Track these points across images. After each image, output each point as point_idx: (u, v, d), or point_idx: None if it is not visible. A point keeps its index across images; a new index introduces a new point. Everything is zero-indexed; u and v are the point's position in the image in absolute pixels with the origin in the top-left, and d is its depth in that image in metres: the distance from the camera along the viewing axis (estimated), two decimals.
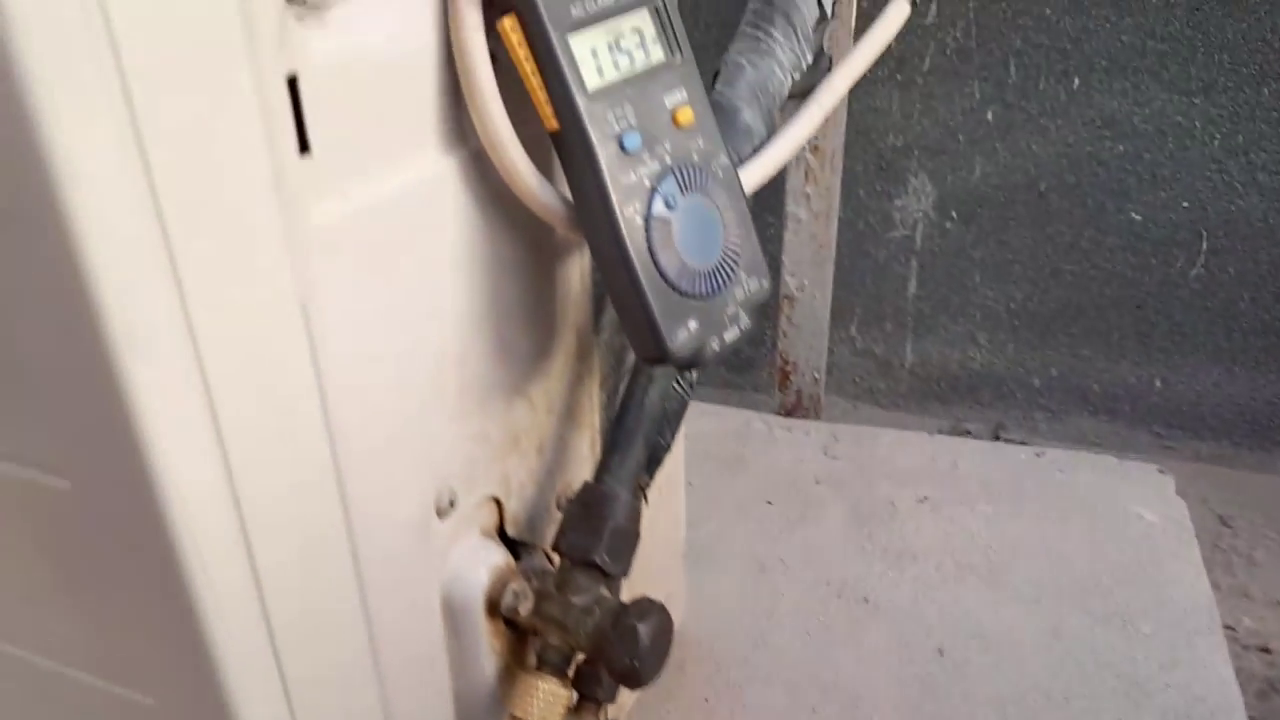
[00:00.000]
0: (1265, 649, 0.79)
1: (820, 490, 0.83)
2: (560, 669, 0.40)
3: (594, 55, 0.32)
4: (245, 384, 0.28)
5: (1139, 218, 0.98)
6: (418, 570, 0.38)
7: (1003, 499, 0.81)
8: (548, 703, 0.39)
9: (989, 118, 0.98)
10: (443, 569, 0.39)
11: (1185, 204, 0.96)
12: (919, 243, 1.05)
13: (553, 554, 0.43)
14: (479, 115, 0.31)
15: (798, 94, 0.47)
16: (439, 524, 0.38)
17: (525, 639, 0.42)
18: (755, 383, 1.13)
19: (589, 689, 0.41)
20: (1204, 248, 0.98)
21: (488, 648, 0.41)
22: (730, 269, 0.37)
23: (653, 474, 0.47)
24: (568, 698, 0.40)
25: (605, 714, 0.42)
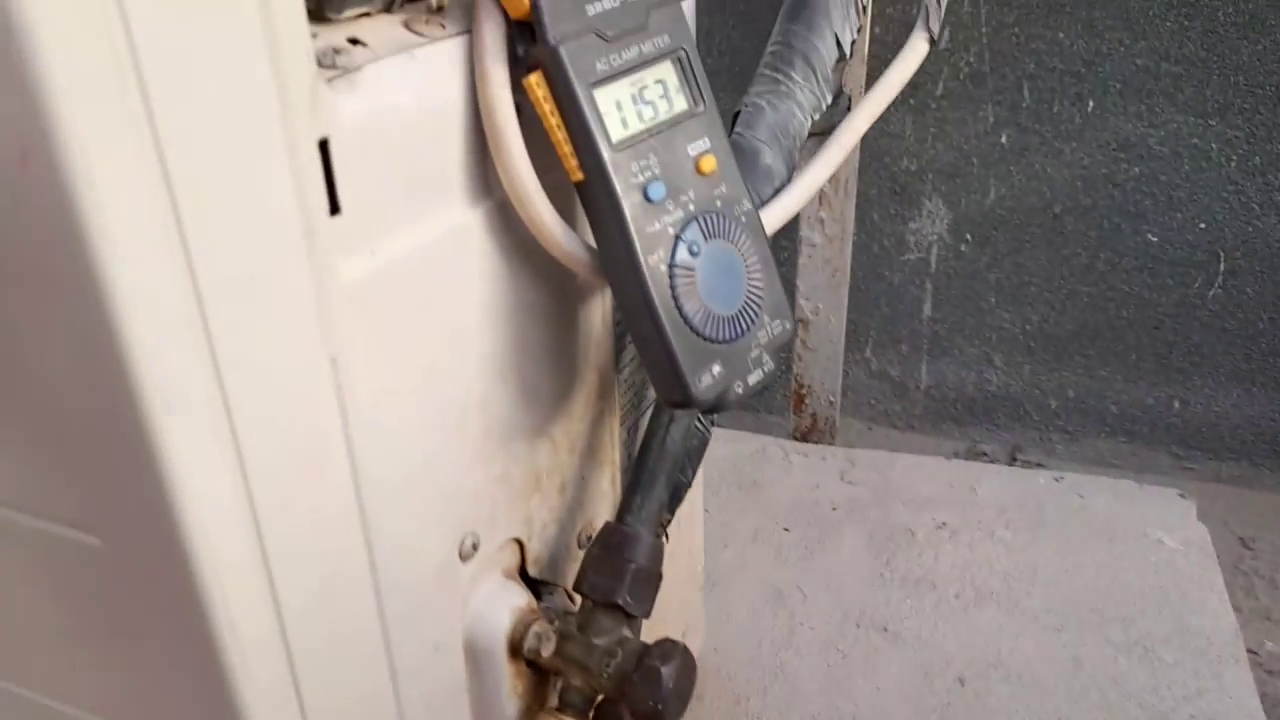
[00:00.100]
0: None
1: (837, 516, 0.82)
2: (582, 710, 0.40)
3: (618, 107, 0.33)
4: (273, 439, 0.28)
5: (1155, 239, 0.98)
6: (440, 613, 0.38)
7: (1022, 525, 0.81)
8: None
9: (1003, 141, 0.98)
10: (465, 611, 0.39)
11: (1202, 225, 0.96)
12: (934, 265, 1.05)
13: (574, 593, 0.43)
14: (505, 170, 0.32)
15: (817, 132, 0.47)
16: (461, 567, 0.38)
17: (547, 680, 0.42)
18: (770, 405, 1.13)
19: None
20: (1222, 268, 0.98)
21: (509, 689, 0.41)
22: (754, 312, 0.37)
23: (674, 512, 0.47)
24: None
25: None
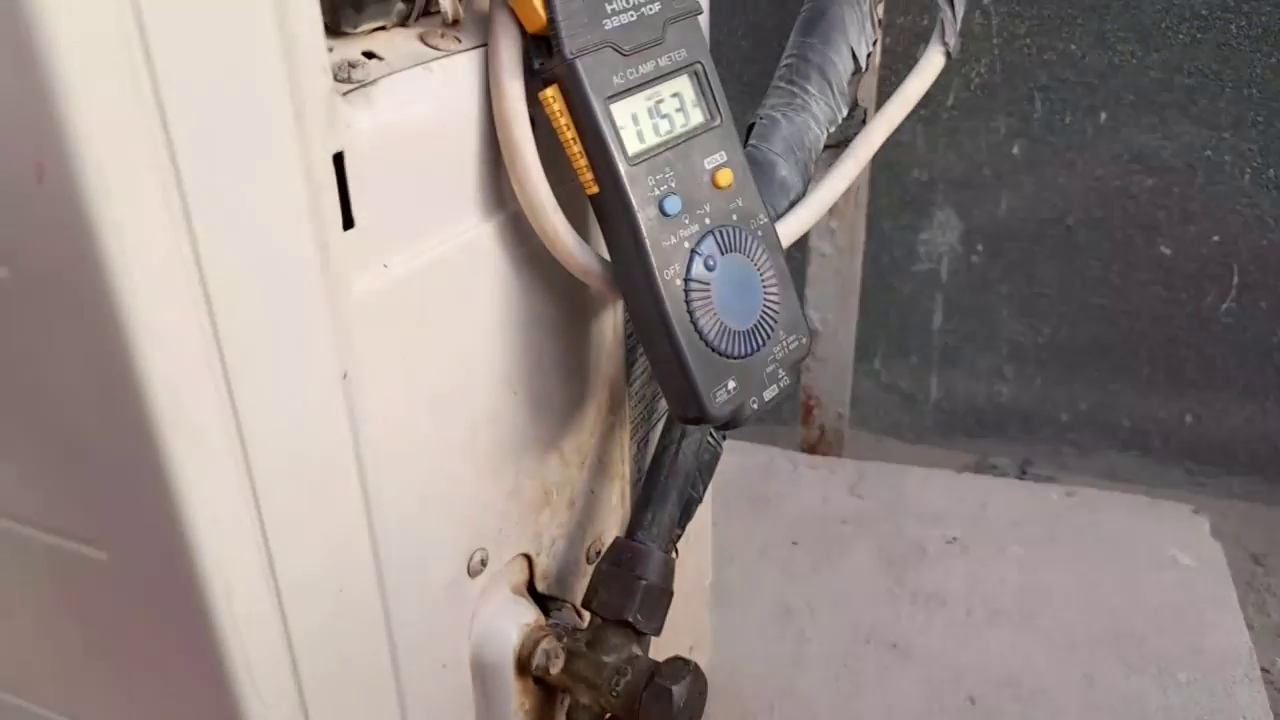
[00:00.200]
0: None
1: (847, 531, 0.82)
2: None
3: (634, 121, 0.32)
4: (284, 454, 0.27)
5: (1169, 252, 0.97)
6: (448, 630, 0.37)
7: (1033, 541, 0.80)
8: None
9: (1015, 152, 0.97)
10: (473, 627, 0.39)
11: (1216, 238, 0.95)
12: (944, 276, 1.04)
13: (582, 610, 0.42)
14: (520, 184, 0.31)
15: (831, 145, 0.47)
16: (470, 583, 0.38)
17: (554, 697, 0.42)
18: (778, 416, 1.12)
19: None
20: (1235, 282, 0.97)
21: (517, 706, 0.40)
22: (769, 328, 0.36)
23: (684, 527, 0.46)
24: None
25: None
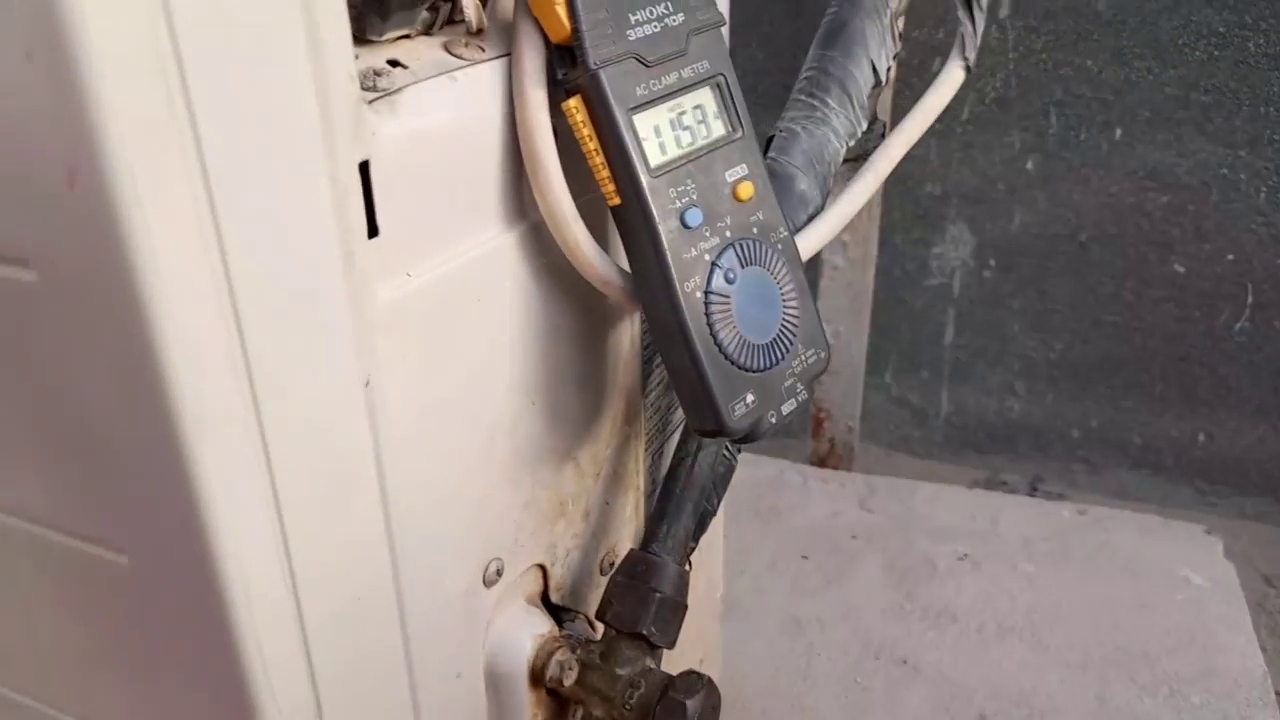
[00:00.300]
0: None
1: (857, 545, 0.81)
2: None
3: (657, 133, 0.32)
4: (305, 461, 0.27)
5: (1182, 270, 0.97)
6: (463, 640, 0.37)
7: (1045, 558, 0.80)
8: None
9: (1029, 167, 0.97)
10: (487, 637, 0.39)
11: (1230, 257, 0.95)
12: (956, 291, 1.04)
13: (595, 621, 0.42)
14: (542, 195, 0.31)
15: (850, 158, 0.47)
16: (485, 592, 0.38)
17: (567, 709, 0.42)
18: (788, 428, 1.12)
19: None
20: (1249, 301, 0.97)
21: (529, 718, 0.40)
22: (788, 341, 0.36)
23: (698, 540, 0.46)
24: None
25: None
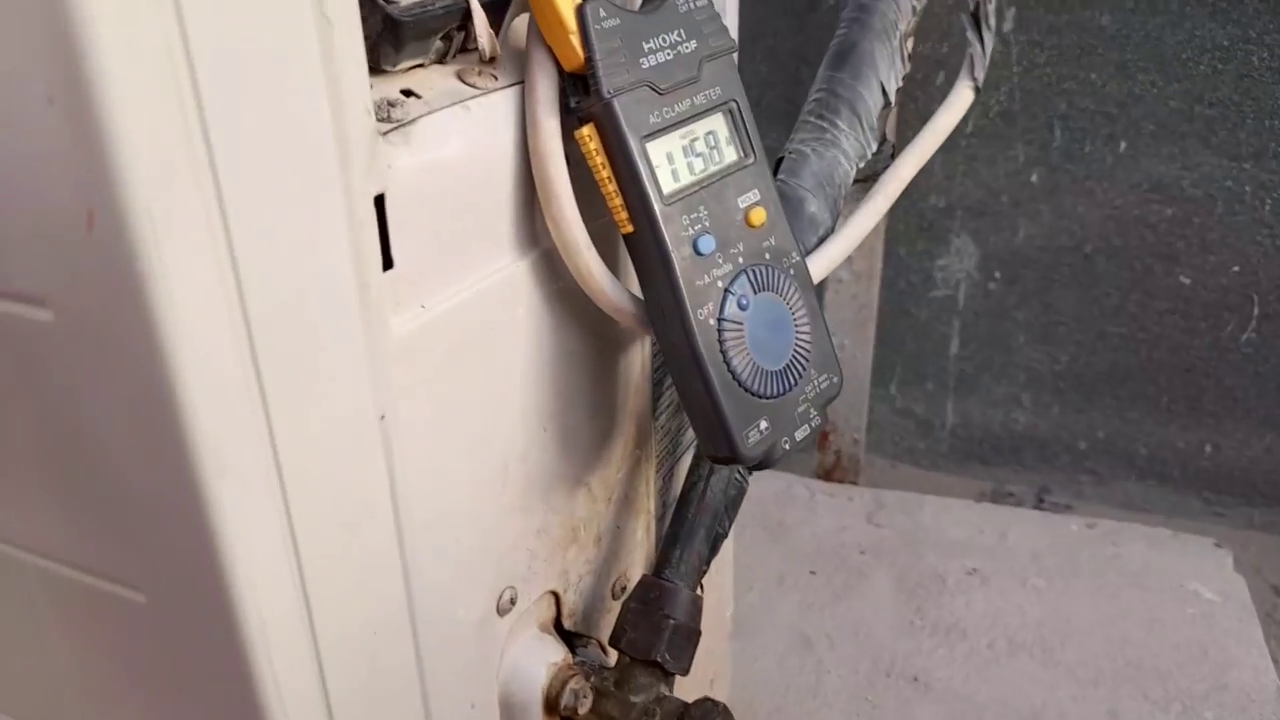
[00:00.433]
0: None
1: (865, 560, 0.81)
2: None
3: (669, 159, 0.32)
4: (321, 497, 0.27)
5: (1188, 281, 0.97)
6: (477, 670, 0.37)
7: (1054, 573, 0.79)
8: None
9: (1033, 180, 0.97)
10: (501, 666, 0.38)
11: (1235, 268, 0.95)
12: (961, 302, 1.04)
13: (608, 646, 0.42)
14: (555, 223, 0.31)
15: (860, 179, 0.46)
16: (499, 621, 0.37)
17: None
18: None
19: None
20: (1255, 312, 0.96)
21: None
22: (801, 367, 0.36)
23: (710, 563, 0.46)
24: None
25: None
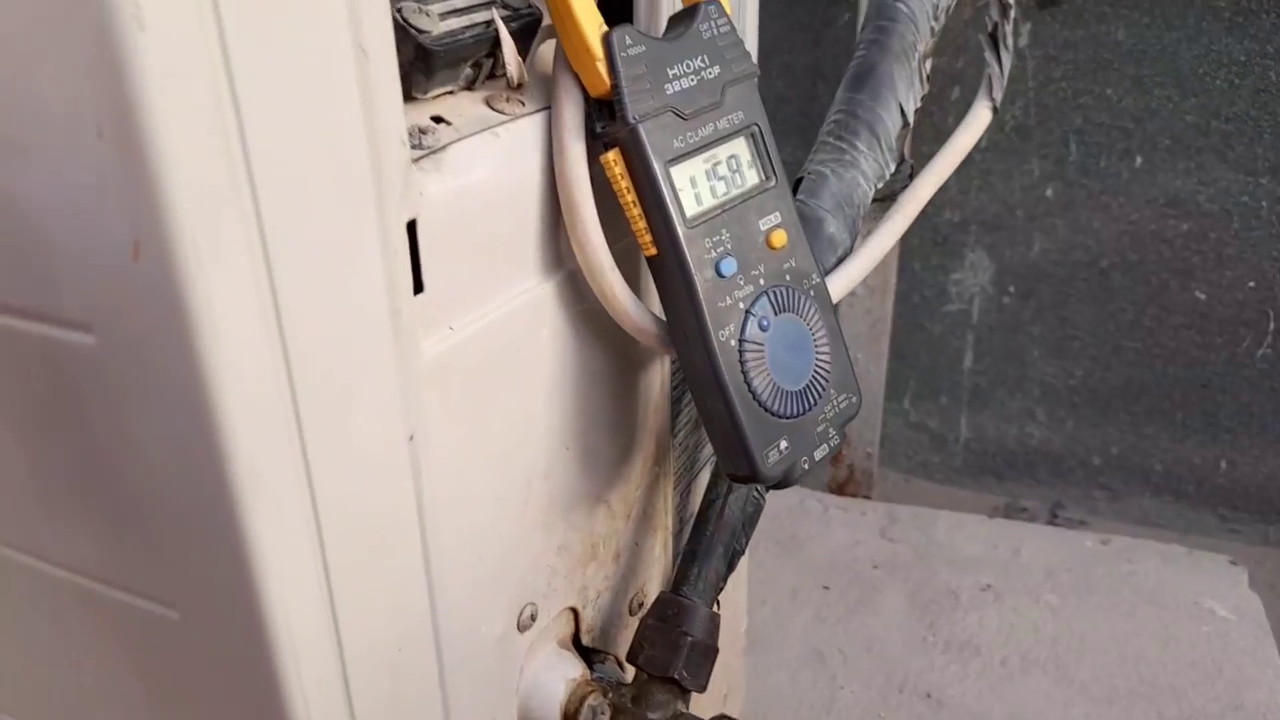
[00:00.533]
0: None
1: (878, 575, 0.81)
2: None
3: (692, 183, 0.33)
4: (352, 516, 0.28)
5: (1204, 297, 0.96)
6: (498, 684, 0.37)
7: (1068, 589, 0.79)
8: None
9: (1048, 194, 0.97)
10: (520, 682, 0.39)
11: (1251, 284, 0.95)
12: (975, 317, 1.04)
13: (625, 662, 0.42)
14: (580, 246, 0.32)
15: (878, 198, 0.47)
16: (520, 637, 0.38)
17: None
18: None
19: None
20: (1271, 328, 0.96)
21: None
22: (821, 387, 0.36)
23: (726, 579, 0.46)
24: None
25: None
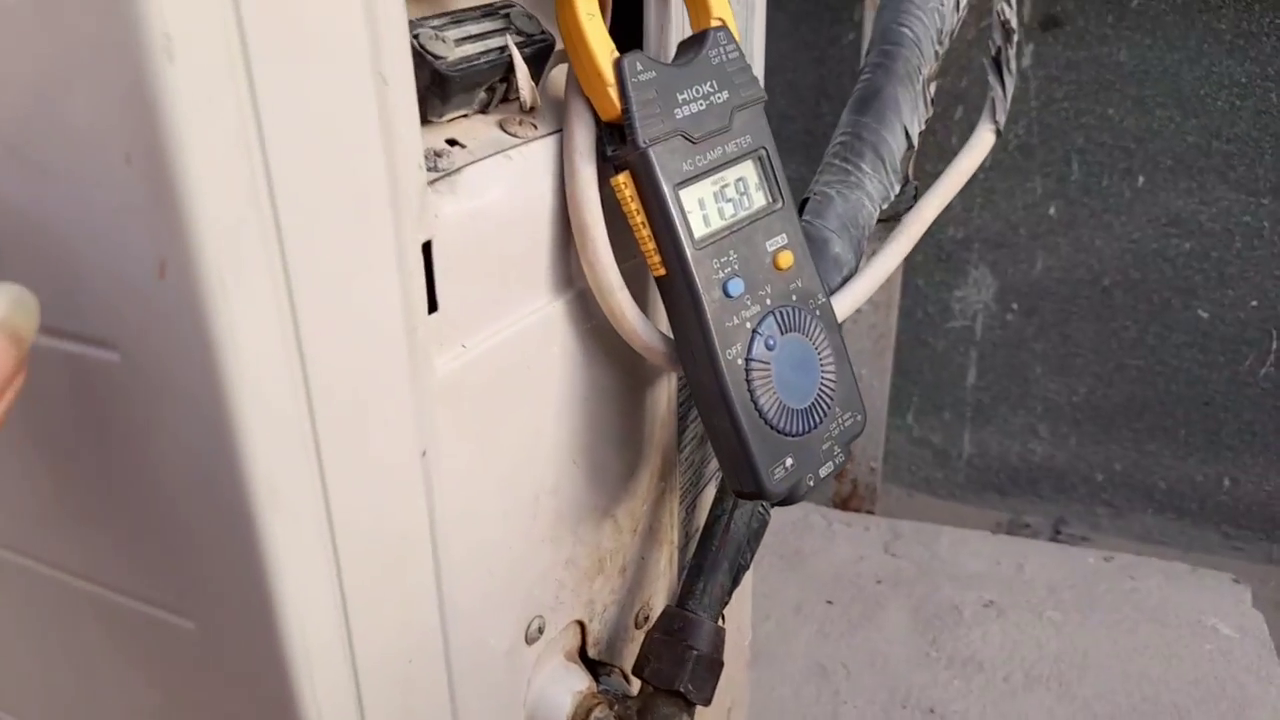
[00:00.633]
0: None
1: (881, 590, 0.81)
2: None
3: (701, 205, 0.33)
4: (366, 532, 0.28)
5: (1206, 315, 0.97)
6: (506, 697, 0.38)
7: (1071, 606, 0.79)
8: None
9: (1051, 213, 0.98)
10: (528, 695, 0.39)
11: (1254, 303, 0.95)
12: (979, 333, 1.05)
13: (630, 675, 0.42)
14: (590, 266, 0.32)
15: (882, 219, 0.48)
16: (527, 650, 0.38)
17: None
18: None
19: None
20: (1274, 347, 0.96)
21: None
22: (826, 405, 0.37)
23: (731, 594, 0.47)
24: None
25: None
